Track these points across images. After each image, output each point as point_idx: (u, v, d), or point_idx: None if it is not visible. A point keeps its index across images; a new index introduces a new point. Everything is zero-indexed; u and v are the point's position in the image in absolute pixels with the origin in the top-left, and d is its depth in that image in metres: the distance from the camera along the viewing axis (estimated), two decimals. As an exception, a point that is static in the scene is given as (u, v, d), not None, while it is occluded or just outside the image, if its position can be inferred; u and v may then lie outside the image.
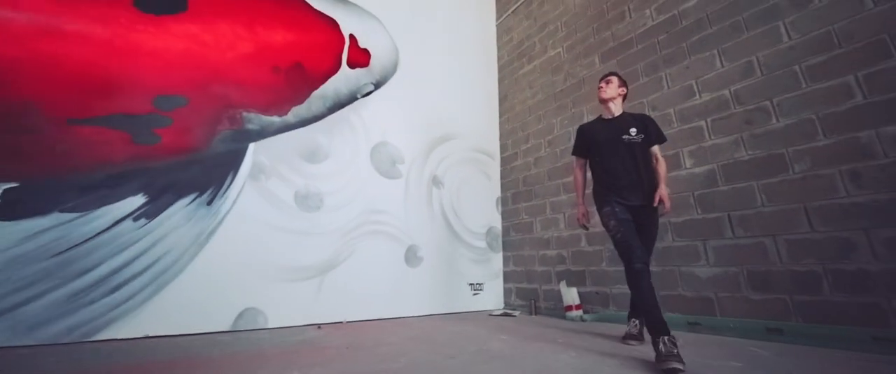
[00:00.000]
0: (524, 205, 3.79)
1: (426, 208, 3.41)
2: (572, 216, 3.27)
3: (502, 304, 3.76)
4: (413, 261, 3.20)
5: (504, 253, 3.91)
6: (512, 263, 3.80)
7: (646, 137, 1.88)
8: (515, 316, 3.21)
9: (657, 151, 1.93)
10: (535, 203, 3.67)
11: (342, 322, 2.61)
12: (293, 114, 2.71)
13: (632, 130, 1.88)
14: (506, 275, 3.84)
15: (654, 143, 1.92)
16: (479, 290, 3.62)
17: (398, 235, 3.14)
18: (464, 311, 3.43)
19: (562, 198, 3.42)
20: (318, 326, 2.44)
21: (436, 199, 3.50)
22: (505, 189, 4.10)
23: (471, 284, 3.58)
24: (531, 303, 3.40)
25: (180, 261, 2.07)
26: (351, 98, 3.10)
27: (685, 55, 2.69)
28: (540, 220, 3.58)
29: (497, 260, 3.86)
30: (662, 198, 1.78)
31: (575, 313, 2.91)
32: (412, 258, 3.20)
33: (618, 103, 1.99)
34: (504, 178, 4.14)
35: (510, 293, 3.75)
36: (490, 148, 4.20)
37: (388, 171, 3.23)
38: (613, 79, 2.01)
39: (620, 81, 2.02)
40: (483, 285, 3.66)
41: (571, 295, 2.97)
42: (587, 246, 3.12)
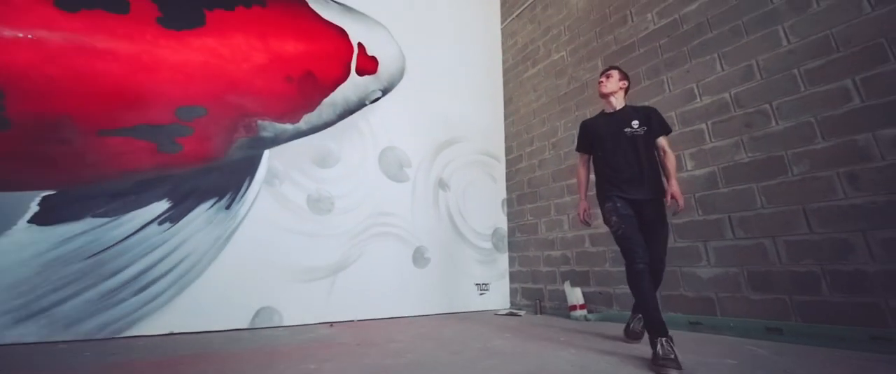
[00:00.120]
0: (529, 206, 3.86)
1: (433, 210, 3.50)
2: (576, 217, 3.33)
3: (508, 304, 3.83)
4: (420, 262, 3.29)
5: (509, 254, 3.98)
6: (517, 263, 3.87)
7: (649, 128, 1.82)
8: (520, 316, 3.27)
9: (664, 143, 1.84)
10: (540, 205, 3.73)
11: (353, 321, 2.71)
12: (305, 121, 2.83)
13: (634, 122, 1.83)
14: (511, 275, 3.91)
15: (658, 134, 1.84)
16: (486, 290, 3.69)
17: (406, 236, 3.24)
18: (470, 310, 3.51)
19: (566, 200, 3.47)
20: (330, 324, 2.55)
21: (442, 201, 3.59)
22: (510, 191, 4.16)
23: (477, 284, 3.66)
24: (536, 303, 3.47)
25: (201, 262, 2.20)
26: (360, 105, 3.21)
27: (686, 59, 2.73)
28: (544, 221, 3.65)
29: (503, 261, 3.93)
30: (675, 196, 1.70)
31: (579, 312, 2.96)
32: (419, 259, 3.29)
33: (619, 97, 1.95)
34: (509, 180, 4.21)
35: (516, 293, 3.82)
36: (495, 151, 4.27)
37: (396, 174, 3.34)
38: (614, 73, 1.97)
39: (621, 75, 1.98)
40: (489, 285, 3.73)
41: (576, 295, 3.02)
42: (591, 247, 3.17)
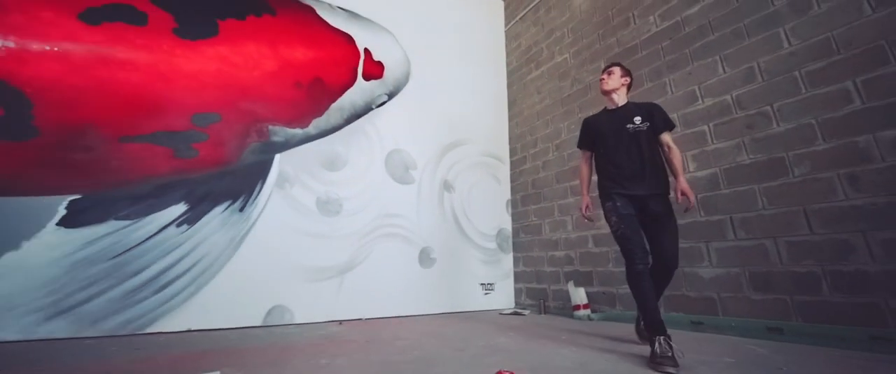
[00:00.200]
0: (533, 207, 3.90)
1: (438, 212, 3.57)
2: (580, 218, 3.36)
3: (513, 303, 3.88)
4: (426, 262, 3.36)
5: (514, 254, 4.03)
6: (522, 263, 3.92)
7: (651, 124, 1.80)
8: (525, 315, 3.32)
9: (668, 139, 1.82)
10: (544, 205, 3.77)
11: (361, 319, 2.79)
12: (314, 126, 2.92)
13: (636, 118, 1.81)
14: (516, 275, 3.96)
15: (661, 130, 1.81)
16: (490, 290, 3.75)
17: (412, 237, 3.31)
18: (475, 310, 3.57)
19: (569, 201, 3.51)
20: (340, 322, 2.64)
21: (447, 202, 3.65)
22: (514, 192, 4.21)
23: (482, 284, 3.72)
24: (541, 303, 3.51)
25: (217, 263, 2.30)
26: (366, 109, 3.29)
27: (688, 61, 2.75)
28: (548, 222, 3.69)
29: (507, 261, 3.98)
30: (685, 192, 1.68)
31: (583, 312, 3.00)
32: (425, 259, 3.36)
33: (622, 93, 1.93)
34: (513, 181, 4.26)
35: (520, 293, 3.86)
36: (499, 152, 4.32)
37: (402, 176, 3.41)
38: (615, 70, 1.95)
39: (623, 72, 1.96)
40: (494, 285, 3.79)
41: (579, 295, 3.06)
42: (594, 247, 3.21)
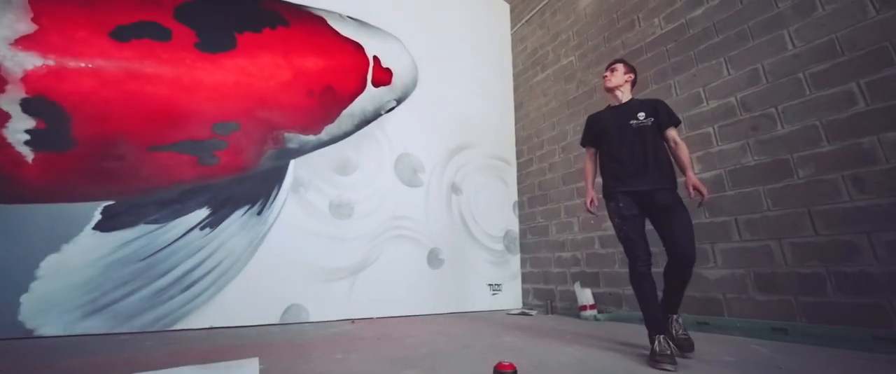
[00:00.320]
0: (540, 209, 3.95)
1: (446, 214, 3.65)
2: (586, 220, 3.40)
3: (521, 304, 3.93)
4: (435, 263, 3.45)
5: (521, 255, 4.08)
6: (529, 264, 3.97)
7: (656, 120, 1.78)
8: (532, 315, 3.38)
9: (674, 134, 1.79)
10: (550, 207, 3.82)
11: (372, 318, 2.90)
12: (326, 132, 3.05)
13: (640, 114, 1.79)
14: (523, 276, 4.01)
15: (666, 125, 1.78)
16: (498, 290, 3.82)
17: (420, 239, 3.41)
18: (483, 310, 3.64)
19: (576, 202, 3.55)
20: (352, 321, 2.75)
21: (455, 205, 3.73)
22: (521, 194, 4.26)
23: (490, 284, 3.79)
24: (548, 303, 3.56)
25: (237, 264, 2.43)
26: (376, 114, 3.40)
27: (693, 63, 2.77)
28: (555, 223, 3.73)
29: (515, 262, 4.04)
30: (696, 186, 1.65)
31: (589, 312, 3.05)
32: (434, 260, 3.45)
33: (626, 90, 1.92)
34: (520, 183, 4.31)
35: (528, 294, 3.92)
36: (506, 154, 4.38)
37: (411, 180, 3.51)
38: (619, 67, 1.94)
39: (627, 68, 1.94)
40: (501, 285, 3.85)
41: (586, 296, 3.11)
42: (600, 249, 3.24)
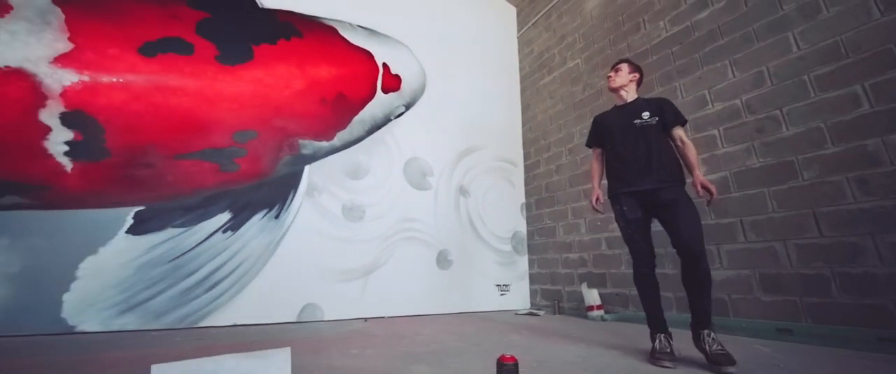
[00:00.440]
0: (547, 211, 4.00)
1: (454, 216, 3.74)
2: (593, 221, 3.44)
3: (529, 304, 3.99)
4: (444, 264, 3.54)
5: (529, 256, 4.14)
6: (536, 265, 4.02)
7: (661, 119, 1.76)
8: (540, 316, 3.44)
9: (681, 134, 1.77)
10: (558, 209, 3.87)
11: (384, 317, 3.01)
12: (338, 138, 3.17)
13: (644, 114, 1.78)
14: (531, 277, 4.07)
15: (672, 124, 1.76)
16: (506, 290, 3.88)
17: (430, 240, 3.50)
18: (491, 310, 3.72)
19: (582, 204, 3.59)
20: (365, 319, 2.86)
21: (463, 207, 3.82)
22: (529, 195, 4.32)
23: (498, 285, 3.86)
24: (555, 304, 3.61)
25: (257, 265, 2.57)
26: (385, 120, 3.51)
27: (698, 66, 2.79)
28: (562, 225, 3.78)
29: (522, 263, 4.10)
30: (704, 185, 1.63)
31: (596, 313, 3.09)
32: (443, 261, 3.54)
33: (631, 89, 1.91)
34: (527, 184, 4.37)
35: (536, 294, 3.97)
36: (513, 157, 4.44)
37: (420, 183, 3.61)
38: (623, 66, 1.94)
39: (631, 68, 1.94)
40: (509, 286, 3.92)
41: (593, 296, 3.15)
42: (607, 250, 3.28)
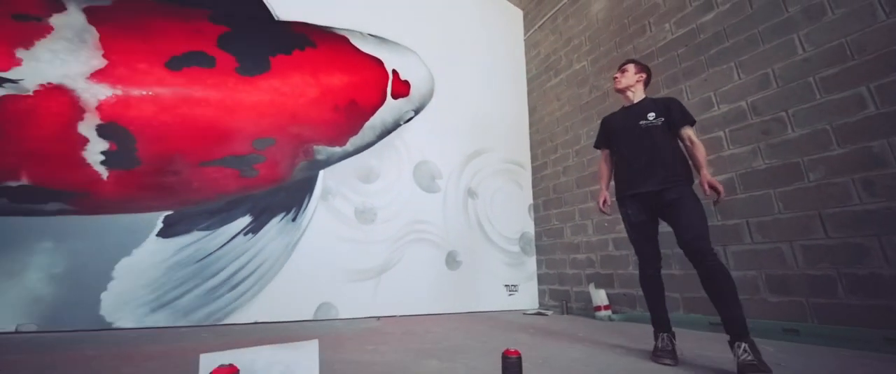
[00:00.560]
0: (555, 212, 4.05)
1: (463, 217, 3.83)
2: (600, 222, 3.48)
3: (537, 304, 4.05)
4: (453, 264, 3.63)
5: (537, 257, 4.19)
6: (545, 266, 4.08)
7: (667, 119, 1.74)
8: (548, 315, 3.49)
9: (690, 133, 1.73)
10: (565, 210, 3.92)
11: (395, 316, 3.12)
12: (351, 143, 3.30)
13: (650, 115, 1.77)
14: (539, 277, 4.12)
15: (679, 125, 1.73)
16: (515, 291, 3.95)
17: (439, 242, 3.60)
18: (500, 309, 3.79)
19: (589, 205, 3.64)
20: (378, 318, 2.98)
21: (471, 208, 3.90)
22: (536, 197, 4.37)
23: (506, 285, 3.93)
24: (563, 304, 3.66)
25: (275, 265, 2.71)
26: (395, 125, 3.62)
27: (704, 68, 2.81)
28: (570, 226, 3.83)
29: (530, 263, 4.16)
30: (712, 185, 1.60)
31: (603, 313, 3.13)
32: (452, 262, 3.63)
33: (638, 90, 1.89)
34: (535, 186, 4.42)
35: (544, 294, 4.03)
36: (521, 158, 4.50)
37: (429, 186, 3.71)
38: (629, 67, 1.92)
39: (638, 68, 1.92)
40: (518, 286, 3.98)
41: (600, 296, 3.19)
42: (614, 251, 3.32)
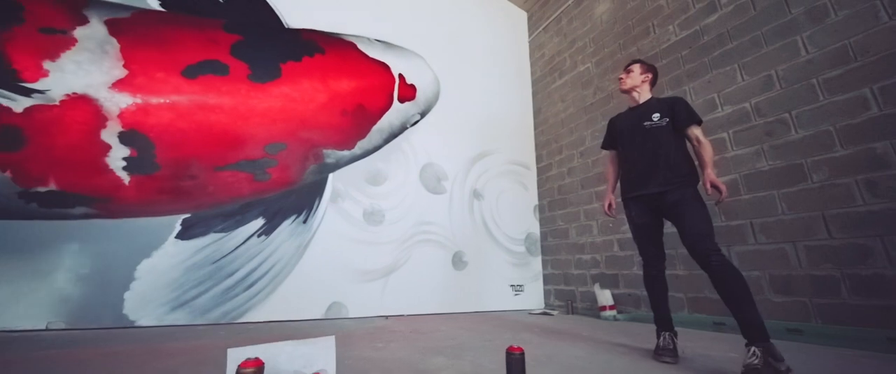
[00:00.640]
0: (560, 212, 4.09)
1: (469, 218, 3.89)
2: (605, 223, 3.51)
3: (543, 304, 4.09)
4: (459, 265, 3.69)
5: (542, 257, 4.23)
6: (550, 266, 4.12)
7: (672, 120, 1.73)
8: (553, 315, 3.53)
9: (697, 133, 1.71)
10: (570, 211, 3.95)
11: (403, 315, 3.19)
12: (359, 147, 3.38)
13: (654, 115, 1.76)
14: (545, 277, 4.16)
15: (685, 125, 1.72)
16: (520, 291, 4.00)
17: (445, 242, 3.66)
18: (506, 309, 3.84)
19: (594, 206, 3.67)
20: (386, 317, 3.05)
21: (477, 210, 3.96)
22: (541, 197, 4.41)
23: (512, 285, 3.97)
24: (569, 304, 3.70)
25: (288, 266, 2.81)
26: (402, 128, 3.70)
27: (707, 69, 2.83)
28: (575, 226, 3.86)
29: (536, 263, 4.20)
30: (714, 184, 1.56)
31: (609, 313, 3.17)
32: (458, 262, 3.70)
33: (643, 90, 1.89)
34: (540, 187, 4.46)
35: (549, 294, 4.06)
36: (526, 160, 4.55)
37: (435, 187, 3.77)
38: (635, 67, 1.92)
39: (644, 68, 1.91)
40: (523, 286, 4.03)
41: (605, 297, 3.23)
42: (619, 251, 3.35)
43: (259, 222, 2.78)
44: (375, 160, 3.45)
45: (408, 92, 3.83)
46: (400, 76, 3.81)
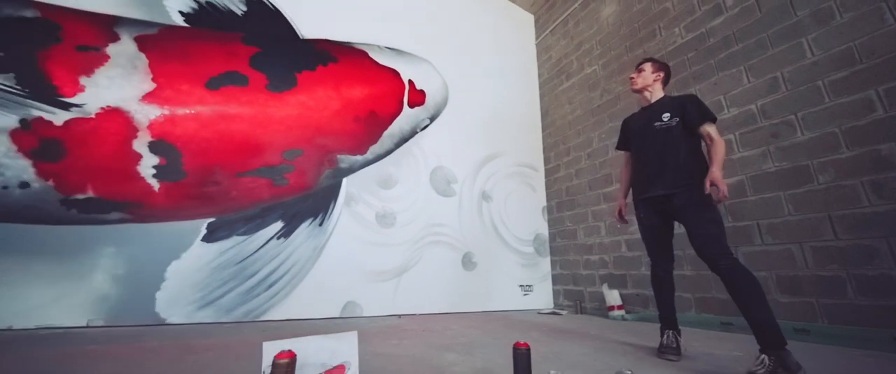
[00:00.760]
0: (568, 213, 4.14)
1: (478, 220, 3.97)
2: (613, 224, 3.55)
3: (552, 304, 4.14)
4: (469, 265, 3.78)
5: (551, 258, 4.29)
6: (559, 266, 4.17)
7: (683, 119, 1.70)
8: (562, 315, 3.59)
9: (709, 130, 1.66)
10: (578, 212, 4.00)
11: (415, 314, 3.29)
12: (371, 152, 3.50)
13: (664, 115, 1.74)
14: (554, 278, 4.22)
15: (697, 123, 1.67)
16: (529, 291, 4.06)
17: (455, 244, 3.75)
18: (515, 309, 3.91)
19: (602, 207, 3.71)
20: (398, 316, 3.16)
21: (486, 211, 4.04)
22: (549, 199, 4.47)
23: (521, 285, 4.04)
24: (577, 303, 3.75)
25: (305, 267, 2.94)
26: (412, 133, 3.81)
27: (713, 71, 2.86)
28: (583, 227, 3.91)
29: (545, 264, 4.26)
30: (714, 181, 1.51)
31: (617, 312, 3.21)
32: (468, 263, 3.79)
33: (655, 90, 1.88)
34: (548, 188, 4.52)
35: (558, 294, 4.12)
36: (534, 162, 4.61)
37: (445, 190, 3.87)
38: (646, 66, 1.90)
39: (655, 67, 1.89)
40: (532, 286, 4.09)
41: (613, 297, 3.28)
42: (627, 251, 3.39)
43: (278, 225, 2.93)
44: (387, 164, 3.57)
45: (417, 97, 3.93)
46: (409, 82, 3.92)
